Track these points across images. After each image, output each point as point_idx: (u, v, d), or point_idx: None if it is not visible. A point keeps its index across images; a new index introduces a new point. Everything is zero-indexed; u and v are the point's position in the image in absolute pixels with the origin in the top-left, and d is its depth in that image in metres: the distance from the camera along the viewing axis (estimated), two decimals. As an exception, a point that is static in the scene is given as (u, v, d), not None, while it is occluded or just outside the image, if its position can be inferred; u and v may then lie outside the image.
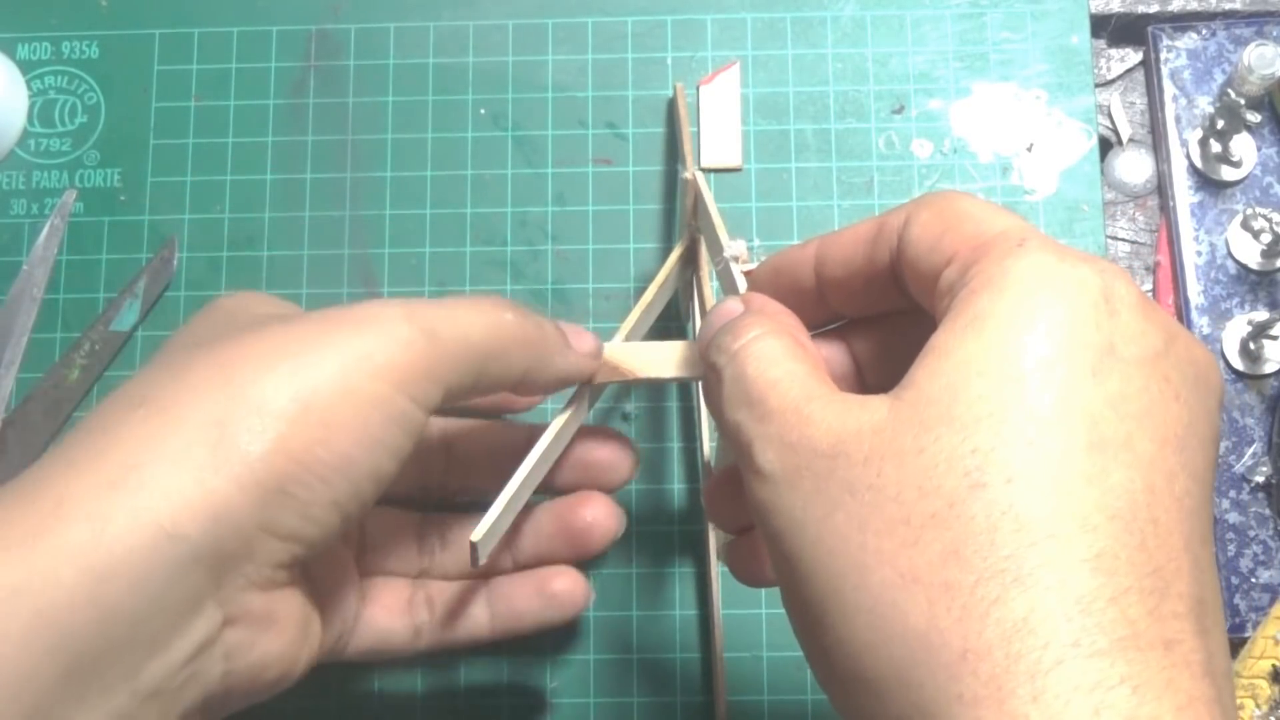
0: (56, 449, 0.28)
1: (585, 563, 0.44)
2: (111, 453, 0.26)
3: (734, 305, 0.31)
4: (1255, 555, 0.43)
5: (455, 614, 0.37)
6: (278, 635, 0.29)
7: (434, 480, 0.39)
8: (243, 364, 0.28)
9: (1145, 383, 0.24)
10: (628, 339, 0.37)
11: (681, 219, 0.40)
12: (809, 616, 0.25)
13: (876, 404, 0.25)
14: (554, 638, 0.43)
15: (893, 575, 0.23)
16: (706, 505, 0.36)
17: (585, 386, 0.36)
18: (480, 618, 0.38)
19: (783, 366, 0.27)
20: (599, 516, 0.37)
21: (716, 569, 0.43)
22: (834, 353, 0.32)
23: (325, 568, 0.34)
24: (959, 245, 0.26)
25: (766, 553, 0.31)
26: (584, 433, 0.38)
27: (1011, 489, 0.22)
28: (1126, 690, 0.21)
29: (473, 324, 0.31)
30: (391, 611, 0.36)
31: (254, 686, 0.30)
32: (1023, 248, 0.25)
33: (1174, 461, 0.24)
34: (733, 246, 0.34)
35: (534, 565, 0.38)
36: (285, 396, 0.27)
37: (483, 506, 0.34)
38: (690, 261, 0.40)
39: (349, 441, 0.28)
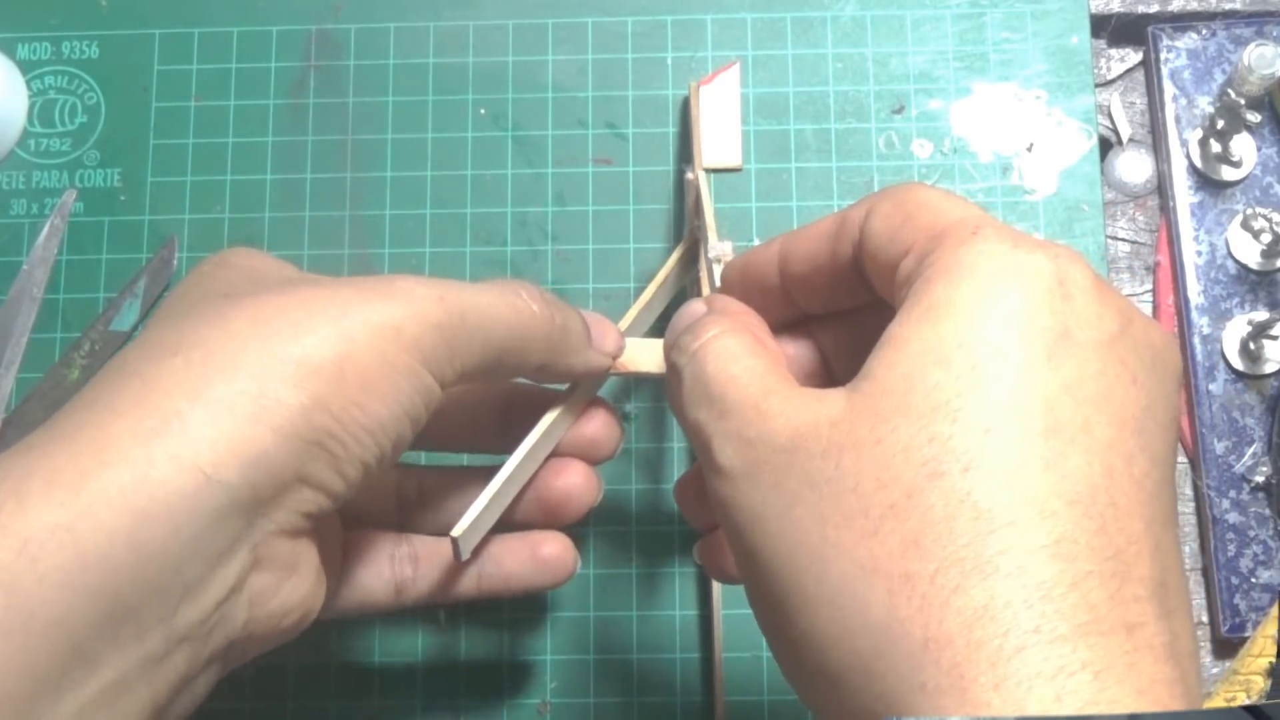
0: (89, 393, 0.28)
1: (585, 562, 0.44)
2: (152, 399, 0.27)
3: (698, 307, 0.31)
4: (1255, 555, 0.43)
5: (440, 572, 0.37)
6: (299, 582, 0.30)
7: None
8: (281, 320, 0.28)
9: (1101, 366, 0.24)
10: (625, 335, 0.37)
11: (686, 218, 0.40)
12: (773, 611, 0.25)
13: (834, 397, 0.25)
14: (555, 638, 0.43)
15: (853, 567, 0.23)
16: (678, 503, 0.36)
17: (578, 387, 0.36)
18: (467, 577, 0.37)
19: (742, 363, 0.27)
20: (576, 486, 0.37)
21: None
22: (802, 350, 0.32)
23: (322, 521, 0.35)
24: (916, 235, 0.26)
25: None
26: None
27: (969, 477, 0.22)
28: (1088, 676, 0.21)
29: (499, 315, 0.31)
30: (372, 567, 0.36)
31: (272, 633, 0.30)
32: (977, 235, 0.25)
33: (1132, 444, 0.24)
34: (718, 248, 0.34)
35: (511, 530, 0.38)
36: (324, 356, 0.28)
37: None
38: (693, 261, 0.41)
39: (381, 406, 0.29)
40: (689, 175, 0.39)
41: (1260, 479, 0.44)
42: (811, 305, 0.31)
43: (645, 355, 0.36)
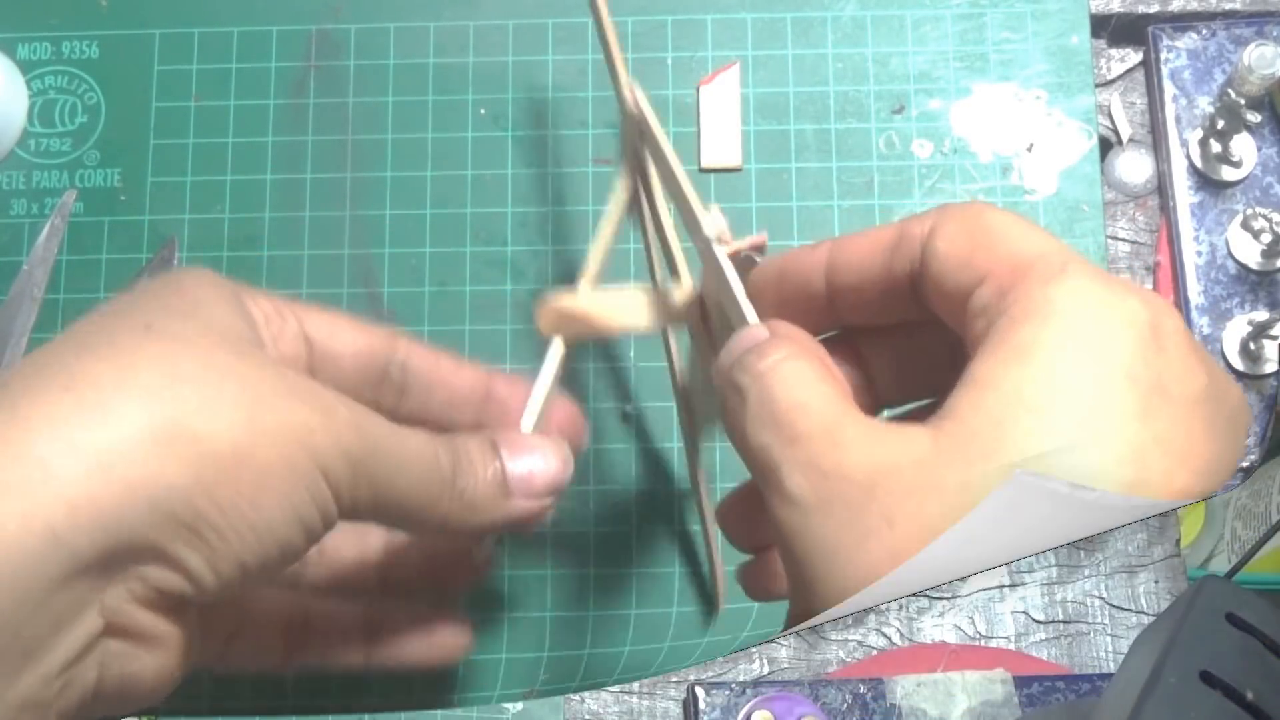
0: None
1: (585, 560, 0.44)
2: (21, 441, 0.24)
3: (759, 331, 0.29)
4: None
5: (331, 643, 0.36)
6: (158, 652, 0.28)
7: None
8: (195, 386, 0.26)
9: (1189, 423, 0.24)
10: (593, 289, 0.35)
11: (623, 155, 0.36)
12: None
13: (917, 435, 0.24)
14: (553, 637, 0.43)
15: None
16: (721, 526, 0.34)
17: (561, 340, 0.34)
18: (358, 651, 0.36)
19: (812, 389, 0.26)
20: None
21: (720, 569, 0.43)
22: (842, 361, 0.31)
23: None
24: (993, 265, 0.25)
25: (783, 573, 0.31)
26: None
27: None
28: None
29: (410, 464, 0.30)
30: (266, 631, 0.35)
31: (125, 698, 0.28)
32: (1066, 274, 0.24)
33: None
34: (711, 224, 0.31)
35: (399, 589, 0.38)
36: (226, 440, 0.26)
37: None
38: (639, 206, 0.37)
39: (273, 507, 0.27)
40: (626, 95, 0.33)
41: (1260, 479, 0.44)
42: (856, 316, 0.30)
43: (622, 307, 0.33)
